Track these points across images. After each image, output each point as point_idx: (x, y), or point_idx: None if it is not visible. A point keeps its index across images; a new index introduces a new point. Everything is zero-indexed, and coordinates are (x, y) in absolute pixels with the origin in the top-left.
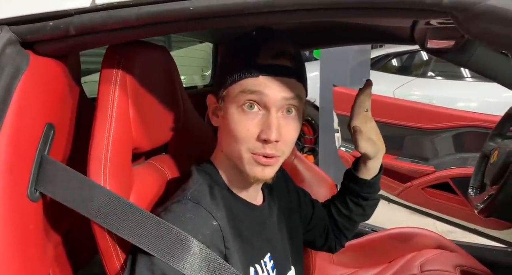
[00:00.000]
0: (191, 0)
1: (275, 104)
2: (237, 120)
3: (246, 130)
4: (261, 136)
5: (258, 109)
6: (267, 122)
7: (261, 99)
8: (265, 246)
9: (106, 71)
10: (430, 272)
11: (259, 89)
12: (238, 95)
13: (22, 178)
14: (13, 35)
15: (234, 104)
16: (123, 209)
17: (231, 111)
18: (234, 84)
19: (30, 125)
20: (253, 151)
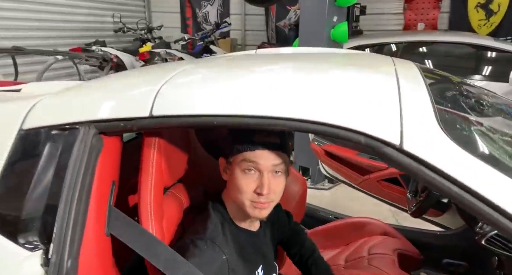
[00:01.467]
0: (215, 117)
1: (267, 169)
2: (240, 179)
3: (246, 186)
4: (257, 190)
5: (254, 172)
6: (261, 181)
7: (257, 166)
8: (259, 260)
9: (147, 139)
10: (375, 255)
11: (255, 160)
12: (241, 162)
13: (102, 221)
14: (96, 130)
15: (238, 167)
16: (161, 248)
17: (236, 172)
18: (238, 154)
19: (105, 184)
20: (251, 200)
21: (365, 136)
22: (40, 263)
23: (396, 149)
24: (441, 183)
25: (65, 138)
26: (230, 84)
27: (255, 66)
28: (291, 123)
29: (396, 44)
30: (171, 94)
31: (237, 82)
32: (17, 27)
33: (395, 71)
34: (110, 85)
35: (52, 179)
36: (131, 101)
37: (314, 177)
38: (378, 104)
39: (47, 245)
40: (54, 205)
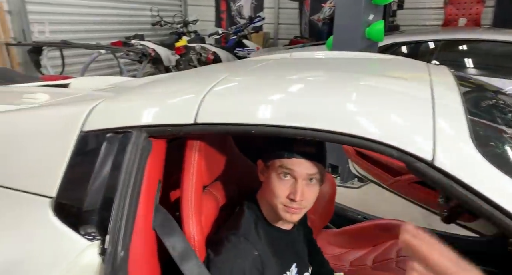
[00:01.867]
0: (253, 126)
1: (301, 177)
2: (276, 183)
3: (280, 191)
4: (290, 196)
5: (290, 178)
6: (295, 188)
7: (292, 173)
8: (292, 258)
9: (190, 142)
10: (404, 258)
11: (291, 167)
12: (277, 167)
13: (150, 216)
14: (147, 134)
15: (274, 172)
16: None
17: (272, 176)
18: (276, 159)
19: (153, 184)
20: (284, 204)
21: (397, 151)
22: (98, 252)
23: (428, 164)
24: (472, 201)
25: (120, 140)
26: (268, 94)
27: (291, 74)
28: (324, 134)
29: (434, 42)
30: (213, 102)
31: (274, 92)
32: (63, 22)
33: (430, 83)
34: (157, 91)
35: (108, 177)
36: (178, 108)
37: (344, 175)
38: (411, 118)
39: (104, 236)
40: (110, 201)
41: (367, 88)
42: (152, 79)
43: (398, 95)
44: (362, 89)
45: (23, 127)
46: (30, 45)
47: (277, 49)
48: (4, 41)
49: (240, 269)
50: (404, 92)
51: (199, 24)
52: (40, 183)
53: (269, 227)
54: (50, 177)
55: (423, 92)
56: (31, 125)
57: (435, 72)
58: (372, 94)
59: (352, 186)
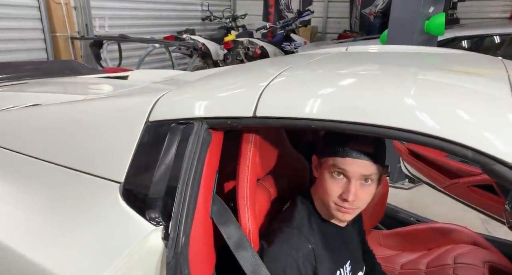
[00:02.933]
0: (313, 121)
1: (354, 177)
2: (328, 182)
3: (333, 190)
4: (343, 196)
5: (343, 177)
6: (347, 188)
7: (345, 172)
8: (347, 255)
9: (246, 135)
10: (462, 265)
11: (344, 167)
12: (330, 166)
13: (208, 205)
14: (207, 125)
15: (327, 170)
16: (244, 244)
17: (325, 174)
18: (329, 157)
19: (211, 174)
20: (336, 203)
21: (472, 151)
22: (161, 237)
23: (509, 167)
24: None
25: (182, 131)
26: (327, 88)
27: (349, 69)
28: (389, 131)
29: (500, 36)
30: (272, 97)
31: (333, 86)
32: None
33: (508, 77)
34: (217, 84)
35: (171, 166)
36: (238, 101)
37: (394, 175)
38: (488, 115)
39: (167, 222)
40: (173, 188)
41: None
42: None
43: (473, 91)
44: (430, 83)
45: (95, 116)
46: (92, 39)
47: (325, 43)
48: (70, 35)
49: (294, 261)
50: (480, 87)
51: (247, 18)
52: (110, 169)
53: (323, 222)
54: (119, 163)
55: (500, 89)
56: (102, 114)
57: None
58: (444, 89)
59: (402, 187)
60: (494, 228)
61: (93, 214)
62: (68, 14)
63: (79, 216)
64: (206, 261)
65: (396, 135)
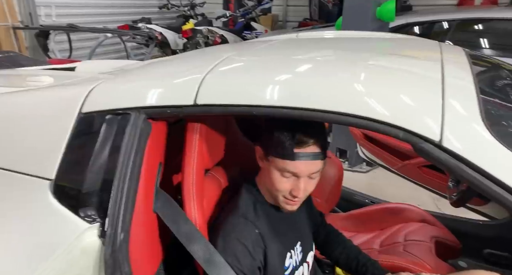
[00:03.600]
0: (255, 108)
1: (303, 176)
2: (277, 179)
3: (282, 186)
4: (292, 192)
5: (291, 176)
6: (297, 185)
7: (295, 173)
8: (296, 237)
9: (190, 125)
10: (412, 242)
11: (294, 170)
12: (279, 167)
13: (150, 199)
14: (145, 115)
15: (276, 169)
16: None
17: (274, 171)
18: (279, 159)
19: (153, 165)
20: (285, 197)
21: (404, 131)
22: (97, 235)
23: (435, 145)
24: (480, 182)
25: (118, 122)
26: (271, 74)
27: (296, 55)
28: (329, 116)
29: (448, 22)
30: (214, 83)
31: (278, 72)
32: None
33: (441, 62)
34: (157, 72)
35: (107, 159)
36: (177, 89)
37: (352, 159)
38: (419, 98)
39: (103, 219)
40: (109, 183)
41: (374, 68)
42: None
43: (406, 74)
44: (369, 68)
45: (22, 109)
46: (37, 28)
47: (286, 31)
48: (12, 25)
49: (244, 248)
50: (413, 71)
51: (207, 6)
52: (39, 165)
53: (269, 208)
54: (49, 159)
55: (433, 71)
56: (30, 107)
57: (447, 51)
58: (380, 74)
59: (360, 170)
60: (444, 205)
61: (21, 215)
62: (7, 2)
63: (6, 218)
64: (151, 256)
65: (336, 119)
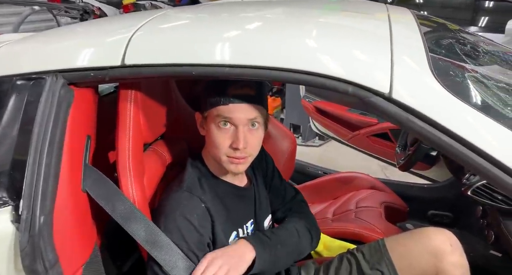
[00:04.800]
0: (193, 67)
1: (241, 123)
2: (216, 134)
3: (222, 141)
4: (233, 145)
5: (230, 125)
6: (236, 135)
7: (231, 120)
8: (247, 214)
9: (123, 92)
10: (363, 208)
11: (229, 115)
12: (215, 117)
13: (78, 177)
14: (65, 80)
15: (212, 122)
16: (135, 215)
17: (211, 127)
18: (212, 108)
19: (78, 138)
20: (228, 155)
21: (352, 85)
22: (10, 220)
23: (384, 98)
24: (430, 133)
25: (31, 89)
26: (213, 30)
27: (242, 12)
28: (275, 73)
29: None
30: (145, 41)
31: (218, 28)
32: None
33: (388, 18)
34: (80, 32)
35: (19, 132)
36: (102, 49)
37: (305, 134)
38: (368, 52)
39: (17, 201)
40: (23, 160)
41: (322, 23)
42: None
43: (355, 31)
44: (317, 24)
45: None
46: None
47: None
48: None
49: (189, 224)
50: (362, 28)
51: None
52: None
53: (216, 181)
54: None
55: (381, 27)
56: None
57: (394, 11)
58: (328, 30)
59: (313, 145)
60: (392, 173)
61: None
62: None
63: None
64: (82, 240)
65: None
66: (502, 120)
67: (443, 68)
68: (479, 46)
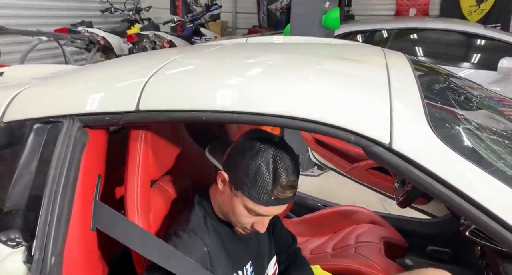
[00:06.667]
0: (204, 113)
1: (271, 216)
2: (242, 213)
3: (245, 220)
4: (254, 226)
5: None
6: (262, 222)
7: (265, 215)
8: (247, 256)
9: (134, 132)
10: (362, 243)
11: (265, 214)
12: (249, 207)
13: (88, 216)
14: (81, 123)
15: (244, 207)
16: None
17: (239, 205)
18: (250, 200)
19: (90, 178)
20: (245, 227)
21: (354, 135)
22: (22, 260)
23: (385, 148)
24: (428, 183)
25: (48, 132)
26: (220, 78)
27: (246, 58)
28: (280, 120)
29: (387, 30)
30: (158, 87)
31: (226, 76)
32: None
33: (386, 66)
34: (94, 76)
35: (35, 174)
36: (117, 94)
37: (304, 163)
38: (368, 102)
39: (30, 241)
40: (38, 201)
41: (324, 72)
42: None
43: (354, 78)
44: (318, 73)
45: None
46: None
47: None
48: None
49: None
50: (361, 75)
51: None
52: None
53: (220, 224)
54: None
55: (379, 75)
56: None
57: (391, 56)
58: (329, 78)
59: (312, 174)
60: (390, 206)
61: None
62: None
63: None
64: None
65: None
66: (496, 174)
67: (438, 119)
68: (467, 90)
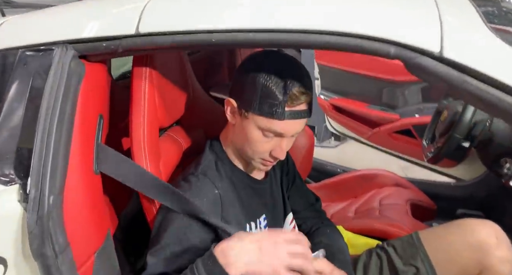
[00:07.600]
0: (214, 33)
1: (288, 136)
2: (257, 138)
3: (262, 147)
4: (272, 154)
5: (274, 136)
6: (280, 145)
7: (280, 134)
8: (261, 209)
9: (137, 69)
10: (387, 205)
11: (281, 131)
12: (263, 126)
13: (89, 158)
14: (75, 51)
15: (258, 129)
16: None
17: (254, 131)
18: (263, 117)
19: (90, 116)
20: (263, 158)
21: (395, 46)
22: (17, 199)
23: (434, 58)
24: (493, 96)
25: (39, 61)
26: None
27: None
28: (304, 36)
29: None
30: (161, 6)
31: None
32: None
33: None
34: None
35: (26, 107)
36: (115, 16)
37: (320, 135)
38: (410, 4)
39: (25, 179)
40: (31, 135)
41: None
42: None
43: None
44: None
45: None
46: None
47: None
48: None
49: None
50: None
51: None
52: None
53: (233, 168)
54: None
55: None
56: None
57: None
58: None
59: (329, 146)
60: (413, 173)
61: None
62: None
63: None
64: (94, 225)
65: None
66: None
67: (493, 20)
68: None
